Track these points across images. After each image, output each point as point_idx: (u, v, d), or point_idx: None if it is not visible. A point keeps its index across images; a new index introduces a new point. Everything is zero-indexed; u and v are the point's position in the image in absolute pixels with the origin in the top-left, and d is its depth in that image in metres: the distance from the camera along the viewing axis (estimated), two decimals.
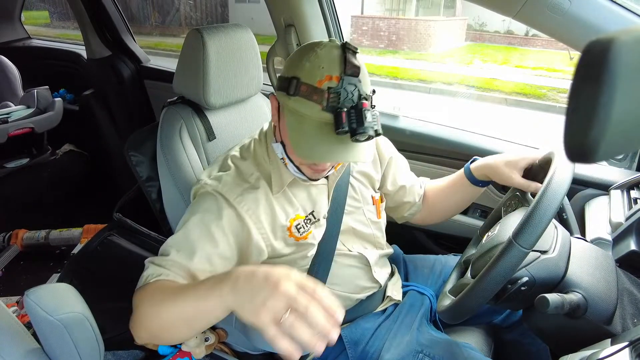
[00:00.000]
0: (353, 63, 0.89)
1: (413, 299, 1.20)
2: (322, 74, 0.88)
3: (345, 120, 0.85)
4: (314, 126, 0.89)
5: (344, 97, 0.86)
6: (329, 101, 0.87)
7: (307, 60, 0.90)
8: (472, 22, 12.84)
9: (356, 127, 0.85)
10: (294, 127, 0.91)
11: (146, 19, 11.71)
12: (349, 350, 1.10)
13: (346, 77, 0.87)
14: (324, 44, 0.92)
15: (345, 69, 0.88)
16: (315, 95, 0.87)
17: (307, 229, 1.07)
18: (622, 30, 0.44)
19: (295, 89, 0.89)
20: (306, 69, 0.90)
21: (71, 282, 1.34)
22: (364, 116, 0.85)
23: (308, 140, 0.89)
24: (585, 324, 0.79)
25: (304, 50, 0.94)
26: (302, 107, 0.89)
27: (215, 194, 1.00)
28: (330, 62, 0.88)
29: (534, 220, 0.76)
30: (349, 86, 0.87)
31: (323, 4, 1.73)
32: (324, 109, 0.87)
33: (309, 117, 0.89)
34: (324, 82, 0.87)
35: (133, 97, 2.59)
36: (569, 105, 0.47)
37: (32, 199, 2.58)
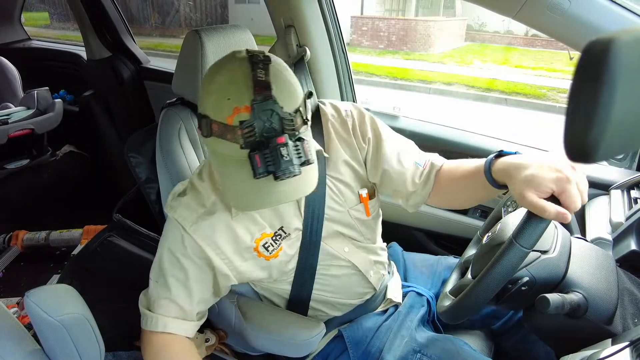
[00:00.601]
0: (262, 82, 0.76)
1: (413, 301, 1.20)
2: (229, 107, 0.75)
3: (260, 163, 0.75)
4: (237, 167, 0.78)
5: (260, 129, 0.75)
6: (245, 138, 0.75)
7: (212, 92, 0.78)
8: (471, 22, 12.85)
9: (274, 169, 0.75)
10: (219, 169, 0.84)
11: (146, 20, 11.72)
12: (351, 351, 1.09)
13: (257, 103, 0.75)
14: (226, 65, 0.80)
15: (255, 94, 0.75)
16: (228, 134, 0.76)
17: (276, 246, 1.01)
18: (622, 30, 0.44)
19: (208, 129, 0.78)
20: (212, 104, 0.78)
21: (71, 283, 1.33)
22: (280, 155, 0.74)
23: (234, 185, 0.81)
24: (586, 324, 0.79)
25: (209, 77, 0.81)
26: (220, 148, 0.79)
27: (172, 220, 0.98)
28: (236, 89, 0.76)
29: (535, 220, 0.76)
30: (263, 114, 0.75)
31: (323, 4, 1.73)
32: (242, 147, 0.76)
33: (229, 157, 0.79)
34: (233, 117, 0.75)
35: (133, 98, 2.59)
36: (569, 105, 0.47)
37: (32, 200, 2.58)
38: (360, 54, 10.83)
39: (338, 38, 1.84)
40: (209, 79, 0.80)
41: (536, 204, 0.73)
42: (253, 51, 0.81)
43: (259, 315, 1.08)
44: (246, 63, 0.78)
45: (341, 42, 1.86)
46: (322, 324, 1.05)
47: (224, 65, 0.80)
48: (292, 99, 0.79)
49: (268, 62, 0.79)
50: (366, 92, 7.44)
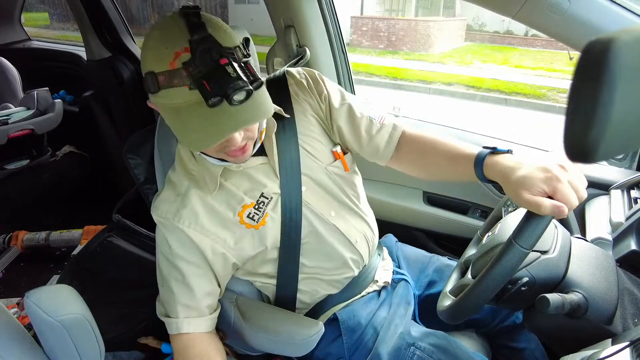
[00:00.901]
0: (196, 23, 0.78)
1: (404, 290, 1.19)
2: (170, 53, 0.77)
3: (210, 88, 0.75)
4: (190, 111, 0.79)
5: (203, 63, 0.76)
6: (189, 77, 0.76)
7: (149, 47, 0.80)
8: (471, 22, 12.86)
9: (225, 89, 0.75)
10: (174, 123, 0.83)
11: (146, 20, 11.72)
12: (345, 337, 1.10)
13: (195, 43, 0.76)
14: (160, 23, 0.82)
15: (191, 35, 0.77)
16: (174, 79, 0.77)
17: (261, 214, 1.02)
18: (622, 30, 0.44)
19: (154, 83, 0.79)
20: (153, 57, 0.79)
21: (71, 283, 1.33)
22: (226, 73, 0.75)
23: (193, 130, 0.81)
24: (586, 324, 0.79)
25: (146, 38, 0.83)
26: (170, 98, 0.80)
27: (158, 224, 1.00)
28: (173, 36, 0.78)
29: (534, 220, 0.76)
30: (202, 50, 0.76)
31: (322, 4, 1.73)
32: (190, 88, 0.77)
33: (182, 104, 0.80)
34: (175, 61, 0.77)
35: (133, 98, 2.59)
36: (569, 105, 0.47)
37: (32, 200, 2.58)
38: (360, 54, 10.85)
39: (338, 38, 1.84)
40: (148, 38, 0.81)
41: (531, 200, 0.74)
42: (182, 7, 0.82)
43: (257, 314, 1.08)
44: (178, 14, 0.80)
45: (341, 42, 1.86)
46: (320, 323, 1.05)
47: (159, 23, 0.82)
48: (228, 38, 0.80)
49: (198, 9, 0.81)
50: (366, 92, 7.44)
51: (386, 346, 1.06)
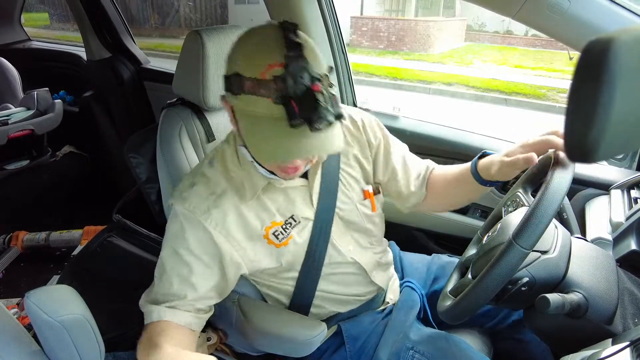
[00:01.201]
0: (295, 41, 0.79)
1: (407, 296, 1.20)
2: (263, 63, 0.78)
3: (297, 110, 0.77)
4: (269, 123, 0.80)
5: (292, 83, 0.77)
6: (277, 92, 0.77)
7: (244, 51, 0.82)
8: (471, 22, 12.86)
9: (311, 115, 0.77)
10: (248, 129, 0.84)
11: (146, 21, 11.72)
12: (348, 345, 1.10)
13: (290, 60, 0.77)
14: (258, 30, 0.84)
15: (287, 52, 0.78)
16: (261, 89, 0.78)
17: (286, 234, 1.01)
18: (622, 30, 0.44)
19: (239, 86, 0.81)
20: (246, 63, 0.80)
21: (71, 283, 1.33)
22: (316, 101, 0.76)
23: (266, 141, 0.82)
24: (586, 324, 0.79)
25: (240, 41, 0.85)
26: (252, 105, 0.81)
27: (180, 215, 0.96)
28: (269, 47, 0.79)
29: (534, 220, 0.76)
30: (296, 69, 0.77)
31: (322, 5, 1.74)
32: (274, 102, 0.78)
33: (261, 114, 0.80)
34: (267, 72, 0.78)
35: (133, 98, 2.59)
36: (569, 105, 0.47)
37: (32, 200, 2.58)
38: (360, 54, 10.85)
39: (338, 38, 1.84)
40: (242, 41, 0.84)
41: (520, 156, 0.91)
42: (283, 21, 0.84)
43: (259, 315, 1.08)
44: (278, 27, 0.81)
45: (341, 42, 1.86)
46: (323, 324, 1.05)
47: (256, 30, 0.85)
48: (319, 64, 0.81)
49: (298, 28, 0.82)
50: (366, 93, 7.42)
51: (386, 351, 1.06)
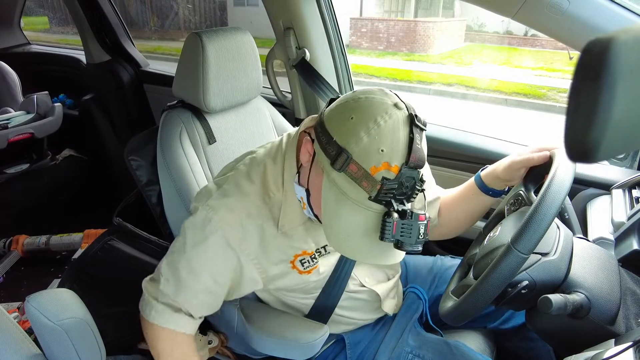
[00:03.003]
0: (420, 152, 0.74)
1: (410, 301, 1.20)
2: (380, 159, 0.73)
3: (395, 231, 0.74)
4: (354, 212, 0.77)
5: (398, 191, 0.74)
6: (379, 193, 0.74)
7: (366, 133, 0.74)
8: (471, 23, 12.86)
9: (404, 242, 0.74)
10: (330, 203, 0.79)
11: (145, 24, 11.73)
12: (349, 351, 1.11)
13: (407, 170, 0.74)
14: (389, 113, 0.75)
15: (408, 159, 0.73)
16: (364, 182, 0.74)
17: (312, 264, 0.99)
18: (622, 29, 0.43)
19: (343, 165, 0.74)
20: (362, 147, 0.73)
21: (72, 287, 1.33)
22: (418, 232, 0.74)
23: (344, 228, 0.78)
24: (589, 325, 0.79)
25: (364, 115, 0.75)
26: (346, 187, 0.76)
27: (205, 224, 0.92)
28: (392, 144, 0.73)
29: (533, 225, 0.76)
30: (407, 179, 0.74)
31: (322, 6, 1.74)
32: (370, 199, 0.75)
33: (352, 199, 0.76)
34: (379, 170, 0.73)
35: (133, 101, 2.59)
36: (569, 105, 0.46)
37: (32, 204, 2.58)
38: (360, 55, 10.85)
39: (337, 40, 1.84)
40: (367, 116, 0.75)
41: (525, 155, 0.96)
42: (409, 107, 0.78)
43: (262, 318, 1.08)
44: (407, 121, 0.76)
45: (340, 43, 1.86)
46: (325, 326, 1.05)
47: (386, 110, 0.75)
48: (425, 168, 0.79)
49: (424, 131, 0.77)
50: None
51: (386, 356, 1.07)
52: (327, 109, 0.83)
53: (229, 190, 0.94)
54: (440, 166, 1.66)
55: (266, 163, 0.96)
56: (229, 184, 0.95)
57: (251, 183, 0.94)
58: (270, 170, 0.95)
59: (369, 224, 0.76)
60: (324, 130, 0.79)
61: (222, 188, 0.95)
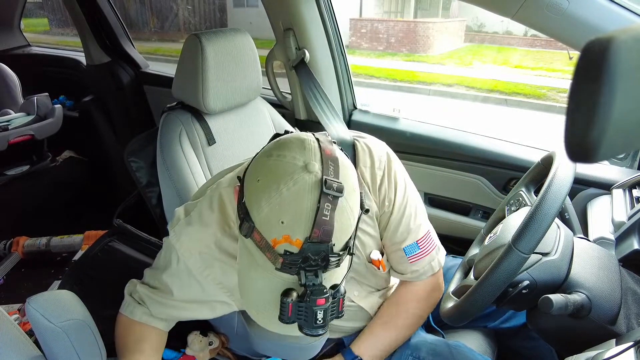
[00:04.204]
0: (325, 224, 0.66)
1: None
2: (280, 232, 0.66)
3: (291, 314, 0.68)
4: (265, 279, 0.71)
5: (306, 264, 0.67)
6: (282, 265, 0.67)
7: (267, 202, 0.67)
8: (470, 23, 12.86)
9: (302, 325, 0.70)
10: (243, 267, 0.76)
11: (145, 25, 11.73)
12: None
13: (311, 245, 0.66)
14: (295, 179, 0.67)
15: (311, 234, 0.66)
16: (268, 253, 0.68)
17: None
18: (621, 29, 0.43)
19: (248, 232, 0.69)
20: (263, 216, 0.68)
21: (72, 288, 1.33)
22: (314, 318, 0.68)
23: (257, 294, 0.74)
24: (590, 325, 0.79)
25: (269, 179, 0.69)
26: (255, 254, 0.71)
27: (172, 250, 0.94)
28: (294, 216, 0.66)
29: (533, 225, 0.76)
30: (312, 253, 0.66)
31: (321, 7, 1.74)
32: (277, 269, 0.69)
33: (261, 266, 0.71)
34: (280, 243, 0.67)
35: (132, 103, 2.59)
36: (569, 105, 0.46)
37: (32, 206, 2.58)
38: (360, 56, 10.84)
39: (337, 40, 1.84)
40: (271, 181, 0.68)
41: None
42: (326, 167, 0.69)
43: None
44: (316, 187, 0.67)
45: (340, 44, 1.86)
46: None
47: (291, 175, 0.67)
48: (346, 235, 0.70)
49: (338, 197, 0.67)
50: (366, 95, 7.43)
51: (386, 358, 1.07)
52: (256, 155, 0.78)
53: (192, 218, 0.93)
54: (440, 166, 1.67)
55: (226, 191, 0.93)
56: (195, 211, 0.94)
57: (212, 212, 0.92)
58: (230, 198, 0.91)
59: (275, 294, 0.70)
60: (242, 187, 0.74)
61: (189, 215, 0.94)
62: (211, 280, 0.94)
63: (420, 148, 1.69)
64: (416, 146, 1.69)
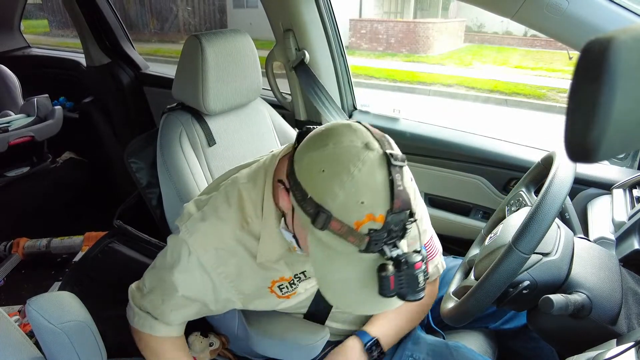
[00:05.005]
0: (403, 193, 0.68)
1: None
2: (362, 212, 0.67)
3: (393, 286, 0.68)
4: (346, 266, 0.71)
5: (388, 239, 0.69)
6: (369, 245, 0.68)
7: (341, 187, 0.67)
8: (470, 23, 12.86)
9: (405, 294, 0.70)
10: (320, 261, 0.74)
11: (145, 26, 11.73)
12: None
13: (393, 216, 0.67)
14: (362, 159, 0.68)
15: (392, 205, 0.67)
16: (351, 237, 0.68)
17: (291, 289, 0.97)
18: (621, 29, 0.43)
19: (324, 224, 0.69)
20: (339, 203, 0.67)
21: (72, 289, 1.33)
22: (417, 281, 0.69)
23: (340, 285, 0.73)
24: (590, 325, 0.79)
25: (335, 166, 0.69)
26: (333, 243, 0.70)
27: (182, 245, 0.92)
28: (372, 193, 0.67)
29: (534, 225, 0.76)
30: (395, 224, 0.68)
31: (321, 8, 1.74)
32: (361, 252, 0.69)
33: (341, 253, 0.71)
34: (363, 224, 0.67)
35: (132, 104, 2.59)
36: (569, 105, 0.46)
37: (32, 207, 2.58)
38: (359, 56, 10.85)
39: (337, 41, 1.84)
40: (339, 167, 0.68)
41: None
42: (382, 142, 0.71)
43: (262, 320, 1.08)
44: (383, 162, 0.68)
45: (340, 45, 1.86)
46: (326, 328, 1.05)
47: (357, 156, 0.68)
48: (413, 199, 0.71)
49: (403, 166, 0.70)
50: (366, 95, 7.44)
51: (386, 358, 1.06)
52: (296, 152, 0.77)
53: (206, 213, 0.91)
54: (440, 166, 1.67)
55: (245, 186, 0.92)
56: (209, 207, 0.92)
57: (229, 207, 0.91)
58: (249, 194, 0.90)
59: (364, 275, 0.71)
60: (297, 185, 0.73)
61: (202, 211, 0.92)
62: (224, 278, 0.92)
63: (420, 148, 1.69)
64: (416, 146, 1.69)
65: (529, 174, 1.10)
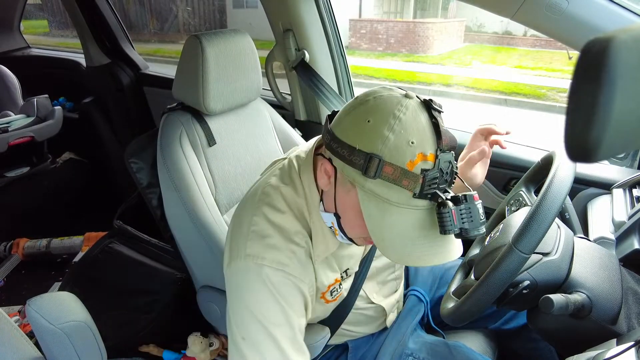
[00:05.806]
0: (448, 133, 0.70)
1: (411, 305, 1.20)
2: (413, 152, 0.68)
3: (456, 220, 0.68)
4: (402, 216, 0.71)
5: (440, 180, 0.69)
6: (423, 186, 0.68)
7: (390, 130, 0.69)
8: (470, 23, 12.87)
9: (468, 228, 0.68)
10: (374, 216, 0.72)
11: (144, 26, 11.75)
12: (351, 354, 1.11)
13: (442, 154, 0.69)
14: (404, 104, 0.71)
15: (440, 142, 0.69)
16: (405, 181, 0.68)
17: (340, 290, 0.95)
18: (621, 29, 0.43)
19: (377, 170, 0.69)
20: (390, 145, 0.68)
21: (72, 290, 1.33)
22: (479, 213, 0.69)
23: (398, 237, 0.71)
24: (591, 324, 0.79)
25: (380, 114, 0.71)
26: (386, 193, 0.70)
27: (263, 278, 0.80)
28: (420, 134, 0.69)
29: (534, 225, 0.76)
30: (445, 164, 0.69)
31: (321, 8, 1.74)
32: (415, 196, 0.69)
33: (395, 203, 0.70)
34: (416, 164, 0.68)
35: (132, 104, 2.59)
36: (569, 105, 0.46)
37: (32, 207, 2.58)
38: (359, 56, 10.86)
39: (337, 41, 1.84)
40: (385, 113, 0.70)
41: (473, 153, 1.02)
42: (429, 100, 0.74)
43: None
44: (423, 107, 0.72)
45: (340, 45, 1.86)
46: (326, 328, 1.05)
47: (400, 102, 0.71)
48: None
49: (442, 111, 0.73)
50: None
51: (386, 358, 1.07)
52: (332, 123, 0.78)
53: (262, 230, 0.84)
54: None
55: (286, 191, 0.88)
56: (257, 227, 0.84)
57: (281, 213, 0.85)
58: (292, 198, 0.87)
59: (422, 223, 0.71)
60: (342, 143, 0.73)
61: (251, 231, 0.84)
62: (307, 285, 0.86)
63: None
64: None
65: (529, 174, 1.10)
